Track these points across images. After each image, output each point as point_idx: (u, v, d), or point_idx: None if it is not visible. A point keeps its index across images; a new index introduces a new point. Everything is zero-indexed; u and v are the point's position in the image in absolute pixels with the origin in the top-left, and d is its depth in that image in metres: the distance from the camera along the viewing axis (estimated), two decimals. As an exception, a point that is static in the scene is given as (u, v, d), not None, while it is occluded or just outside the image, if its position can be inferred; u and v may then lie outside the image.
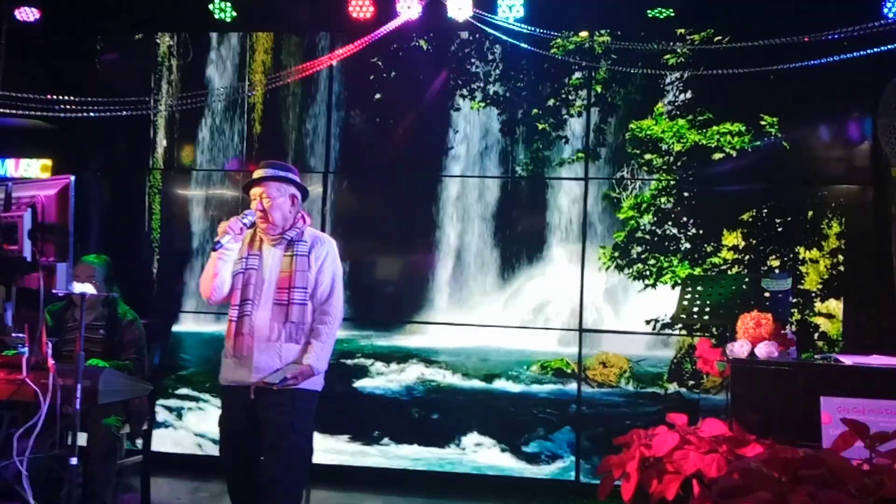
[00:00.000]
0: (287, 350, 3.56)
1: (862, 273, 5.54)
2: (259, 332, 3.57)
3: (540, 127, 5.90)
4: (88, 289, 3.87)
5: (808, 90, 5.54)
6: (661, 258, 5.71)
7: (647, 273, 5.73)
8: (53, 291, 3.34)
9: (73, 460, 3.71)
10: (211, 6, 5.91)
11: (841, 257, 5.56)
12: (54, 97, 5.51)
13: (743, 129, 5.64)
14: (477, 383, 5.89)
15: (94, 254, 4.77)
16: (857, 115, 5.67)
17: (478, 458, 5.79)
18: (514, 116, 5.96)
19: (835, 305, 5.54)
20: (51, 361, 3.67)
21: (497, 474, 5.75)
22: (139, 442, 4.94)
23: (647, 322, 5.70)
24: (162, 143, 6.29)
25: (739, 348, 3.81)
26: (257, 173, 3.74)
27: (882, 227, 5.49)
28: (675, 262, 5.69)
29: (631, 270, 5.75)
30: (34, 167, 6.11)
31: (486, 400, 5.85)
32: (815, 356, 4.51)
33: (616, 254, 5.78)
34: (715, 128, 5.67)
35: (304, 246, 3.67)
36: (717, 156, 5.67)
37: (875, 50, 5.03)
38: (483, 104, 5.98)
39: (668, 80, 5.76)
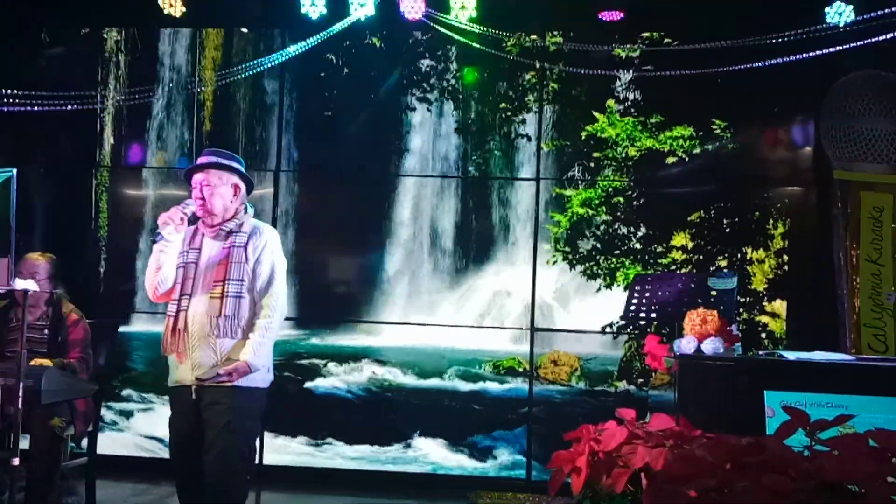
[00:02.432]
0: (222, 345, 3.45)
1: (805, 272, 5.68)
2: (194, 326, 3.46)
3: (493, 126, 5.93)
4: (31, 286, 3.79)
5: (754, 94, 5.67)
6: (613, 259, 5.78)
7: (600, 273, 5.79)
8: (-6, 287, 3.27)
9: (15, 461, 3.63)
10: (160, 1, 5.81)
11: (785, 257, 5.68)
12: (-3, 91, 5.39)
13: (693, 132, 5.73)
14: (429, 382, 5.89)
15: (39, 251, 4.66)
16: (801, 118, 5.81)
17: (430, 456, 5.79)
18: (467, 116, 5.98)
19: (779, 304, 5.66)
20: (-8, 360, 3.60)
21: (449, 473, 5.75)
22: (84, 443, 4.85)
23: (602, 328, 5.76)
24: (109, 139, 6.17)
25: (686, 344, 3.86)
26: (199, 160, 3.65)
27: (824, 228, 5.62)
28: (627, 263, 5.76)
29: (583, 268, 5.81)
30: (-25, 163, 5.95)
31: (439, 399, 5.86)
32: (759, 353, 4.61)
33: (565, 247, 5.81)
34: (668, 133, 5.75)
35: (243, 237, 3.55)
36: (671, 160, 5.75)
37: (817, 53, 5.16)
38: (436, 103, 5.99)
39: (618, 83, 5.83)
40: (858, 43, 5.15)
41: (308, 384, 5.95)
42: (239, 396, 3.44)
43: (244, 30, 6.14)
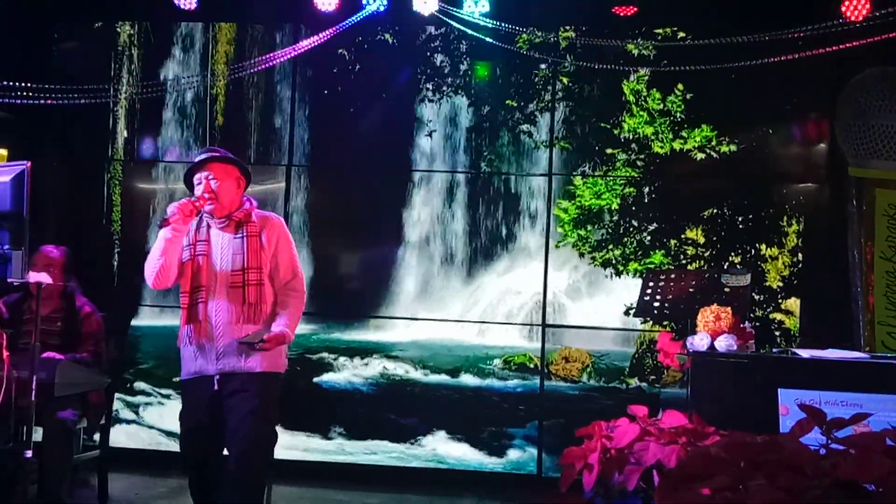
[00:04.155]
0: (248, 332, 3.50)
1: (819, 270, 5.64)
2: (217, 316, 3.50)
3: (505, 122, 5.91)
4: (45, 278, 3.80)
5: (769, 90, 5.63)
6: (625, 250, 5.74)
7: (613, 261, 5.76)
8: (8, 280, 3.27)
9: (28, 454, 3.65)
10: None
11: (799, 255, 5.65)
12: (10, 84, 5.39)
13: (716, 134, 5.68)
14: (440, 378, 5.89)
15: (53, 244, 4.68)
16: (816, 115, 5.76)
17: (441, 452, 5.79)
18: (481, 111, 5.97)
19: (793, 302, 5.63)
20: (5, 353, 3.61)
21: (460, 468, 5.75)
22: (96, 436, 4.87)
23: (615, 315, 5.73)
24: (122, 133, 6.19)
25: (699, 341, 3.85)
26: (200, 157, 3.66)
27: (839, 225, 5.58)
28: (640, 254, 5.72)
29: (595, 255, 5.78)
30: (-11, 157, 5.98)
31: (450, 394, 5.86)
32: (773, 350, 4.59)
33: (576, 232, 5.78)
34: (692, 133, 5.71)
35: (254, 227, 3.61)
36: (700, 156, 5.71)
37: (832, 49, 5.11)
38: (449, 98, 5.98)
39: (631, 78, 5.80)
40: (874, 38, 5.10)
41: (319, 379, 5.96)
42: (263, 382, 3.50)
43: (257, 24, 6.14)
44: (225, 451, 3.52)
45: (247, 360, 3.49)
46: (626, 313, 5.71)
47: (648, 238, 5.76)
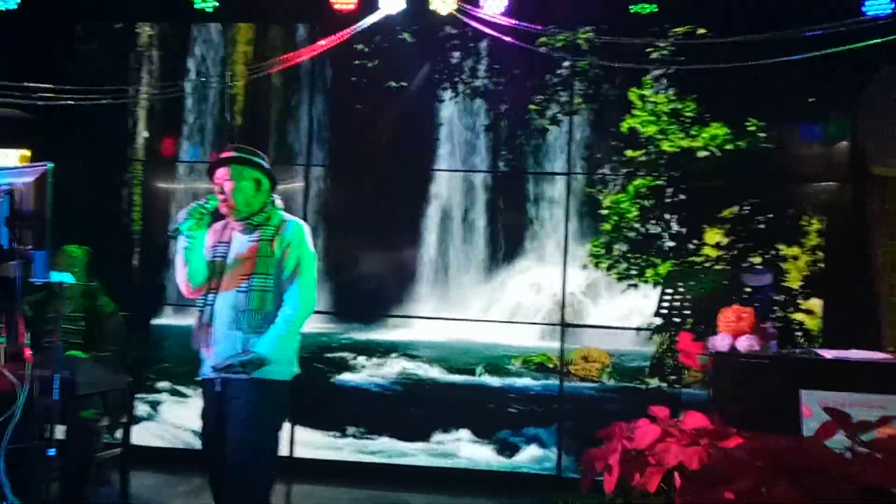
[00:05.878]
0: (249, 340, 3.37)
1: (841, 269, 5.58)
2: (219, 320, 3.41)
3: (523, 121, 5.90)
4: (67, 278, 3.83)
5: (790, 88, 5.57)
6: (648, 256, 5.72)
7: (633, 273, 5.73)
8: (31, 280, 3.29)
9: (51, 452, 3.68)
10: (192, -4, 5.85)
11: (821, 254, 5.60)
12: (32, 85, 5.44)
13: (728, 130, 5.65)
14: (459, 377, 5.88)
15: (76, 244, 4.71)
16: (837, 113, 5.70)
17: (459, 452, 5.78)
18: (499, 111, 5.95)
19: (815, 302, 5.57)
20: (28, 352, 3.64)
21: (478, 468, 5.74)
22: (118, 434, 4.90)
23: (635, 325, 5.71)
24: (142, 133, 6.23)
25: (721, 342, 3.83)
26: (222, 156, 3.58)
27: (861, 224, 5.53)
28: (659, 261, 5.69)
29: (617, 269, 5.75)
30: (12, 157, 6.04)
31: (468, 394, 5.85)
32: (795, 350, 4.54)
33: (602, 251, 5.78)
34: (704, 130, 5.67)
35: (270, 231, 3.49)
36: (703, 153, 5.68)
37: (854, 46, 5.06)
38: (467, 98, 5.97)
39: (651, 77, 5.77)
40: (897, 36, 5.05)
41: (339, 378, 5.97)
42: (257, 390, 3.38)
43: (275, 25, 6.16)
44: None
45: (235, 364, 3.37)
46: (644, 329, 5.69)
47: (671, 242, 5.71)
